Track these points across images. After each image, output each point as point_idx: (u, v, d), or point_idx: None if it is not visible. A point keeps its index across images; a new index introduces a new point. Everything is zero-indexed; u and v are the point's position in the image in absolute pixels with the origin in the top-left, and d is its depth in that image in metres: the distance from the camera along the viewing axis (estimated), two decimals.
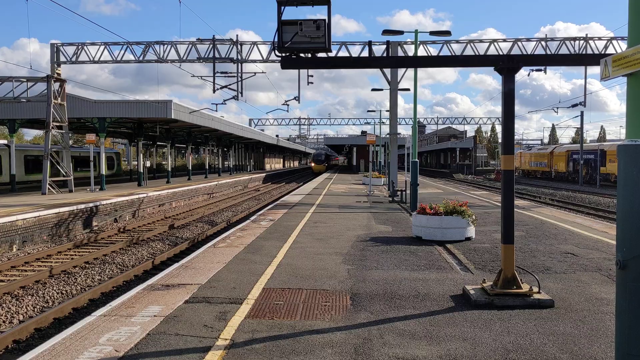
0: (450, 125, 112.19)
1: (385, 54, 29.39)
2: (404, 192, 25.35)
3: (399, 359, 5.55)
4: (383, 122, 49.55)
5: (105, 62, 32.45)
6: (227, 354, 5.66)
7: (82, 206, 21.69)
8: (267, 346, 5.88)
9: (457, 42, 31.63)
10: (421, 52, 29.80)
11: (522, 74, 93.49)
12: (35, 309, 11.23)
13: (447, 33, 22.55)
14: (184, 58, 31.41)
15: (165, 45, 31.54)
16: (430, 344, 5.99)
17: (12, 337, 9.17)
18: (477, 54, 30.85)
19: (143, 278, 13.37)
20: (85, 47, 31.78)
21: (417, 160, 21.12)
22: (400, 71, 29.70)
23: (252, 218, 18.38)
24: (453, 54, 30.52)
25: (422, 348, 5.85)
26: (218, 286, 8.55)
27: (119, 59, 32.16)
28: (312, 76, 29.18)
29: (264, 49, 31.34)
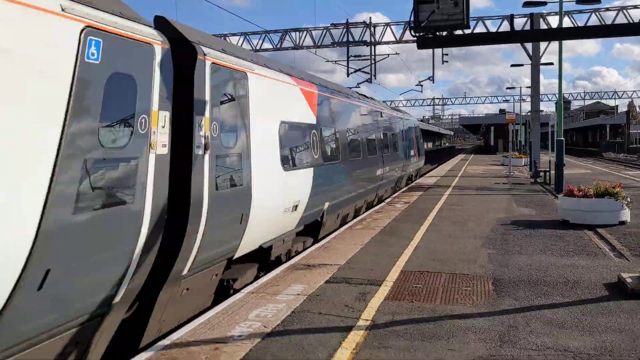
0: (599, 100, 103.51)
1: (527, 27, 27.80)
2: (547, 173, 23.97)
3: (548, 348, 5.29)
4: (523, 99, 46.96)
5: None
6: (369, 334, 5.75)
7: None
8: (408, 329, 5.89)
9: (607, 9, 29.14)
10: (566, 22, 27.78)
11: None
12: None
13: (596, 1, 20.82)
14: (319, 44, 32.05)
15: (301, 32, 32.41)
16: (583, 334, 5.64)
17: None
18: (631, 22, 28.16)
19: None
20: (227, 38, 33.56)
21: (562, 138, 19.76)
22: (542, 45, 27.92)
23: (387, 200, 18.41)
24: (603, 23, 28.12)
25: (575, 338, 5.52)
26: (356, 267, 8.69)
27: (257, 48, 33.61)
28: (447, 54, 28.48)
29: (397, 30, 31.11)
